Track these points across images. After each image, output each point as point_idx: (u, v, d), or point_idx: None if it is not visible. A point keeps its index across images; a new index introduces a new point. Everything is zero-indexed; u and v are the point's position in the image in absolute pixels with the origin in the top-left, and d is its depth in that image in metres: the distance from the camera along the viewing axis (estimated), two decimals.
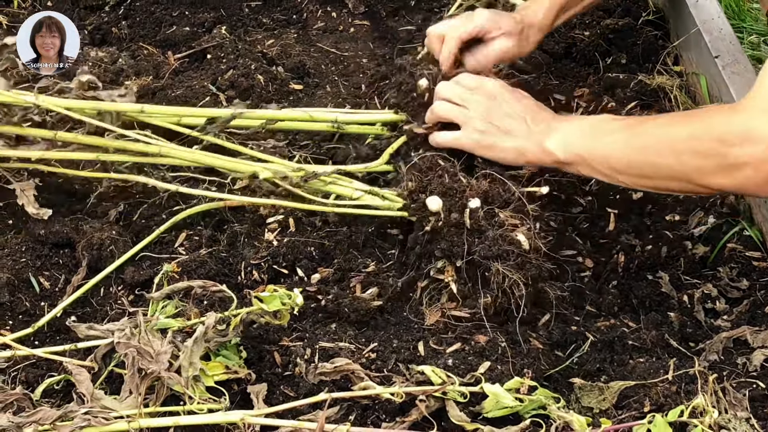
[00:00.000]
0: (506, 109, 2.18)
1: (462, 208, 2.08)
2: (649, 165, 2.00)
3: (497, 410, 1.85)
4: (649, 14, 2.91)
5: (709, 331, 2.10)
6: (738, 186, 1.92)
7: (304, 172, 2.25)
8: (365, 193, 2.23)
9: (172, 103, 2.66)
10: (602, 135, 2.08)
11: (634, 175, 2.04)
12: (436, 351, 1.99)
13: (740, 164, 1.86)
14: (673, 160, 1.95)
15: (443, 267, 2.09)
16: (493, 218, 2.07)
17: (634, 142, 2.02)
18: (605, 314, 2.16)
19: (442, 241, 2.08)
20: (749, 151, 1.84)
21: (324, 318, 2.11)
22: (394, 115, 2.38)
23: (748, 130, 1.85)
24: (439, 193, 2.12)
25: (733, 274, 2.21)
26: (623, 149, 2.03)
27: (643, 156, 2.00)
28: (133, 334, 1.89)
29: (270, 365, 2.01)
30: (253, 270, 2.23)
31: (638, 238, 2.32)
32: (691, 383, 1.90)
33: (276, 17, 3.13)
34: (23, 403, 1.87)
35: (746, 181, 1.88)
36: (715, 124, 1.92)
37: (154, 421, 1.82)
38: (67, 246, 2.34)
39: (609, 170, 2.06)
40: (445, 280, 2.08)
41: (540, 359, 1.98)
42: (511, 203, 2.11)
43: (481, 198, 2.10)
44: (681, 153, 1.94)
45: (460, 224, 2.07)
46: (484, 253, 2.03)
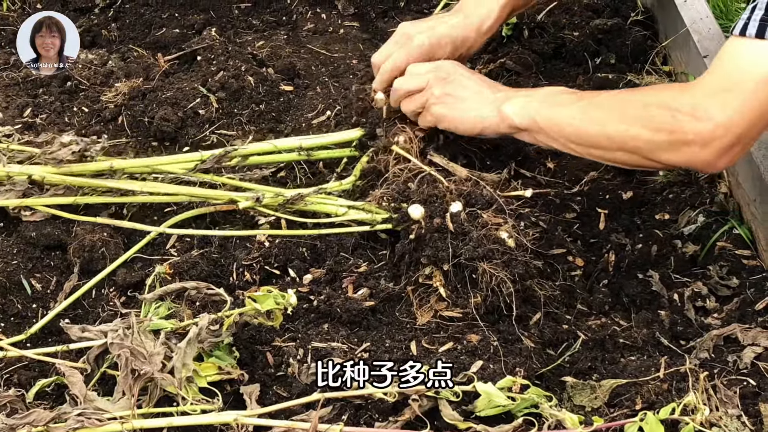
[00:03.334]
0: (463, 82, 2.26)
1: (443, 213, 2.10)
2: (602, 136, 2.07)
3: (490, 409, 1.86)
4: (637, 14, 2.92)
5: (699, 329, 2.11)
6: (685, 161, 2.01)
7: (282, 198, 2.28)
8: (348, 209, 2.26)
9: (162, 105, 2.66)
10: (558, 104, 2.14)
11: (586, 144, 2.11)
12: (429, 350, 2.00)
13: (688, 141, 1.94)
14: (623, 133, 2.03)
15: (431, 273, 2.10)
16: (476, 219, 2.09)
17: (588, 113, 2.09)
18: (596, 313, 2.17)
19: (427, 247, 2.10)
20: (696, 128, 1.93)
21: (316, 318, 2.11)
22: (358, 132, 2.42)
23: (695, 109, 1.93)
24: (420, 201, 2.14)
25: (723, 273, 2.21)
26: (578, 119, 2.09)
27: (596, 127, 2.07)
28: (126, 335, 1.89)
29: (263, 366, 2.01)
30: (245, 271, 2.23)
31: (628, 237, 2.33)
32: (682, 381, 1.91)
33: (266, 19, 3.14)
34: (16, 405, 1.87)
35: (692, 158, 1.97)
36: (667, 99, 2.00)
37: (148, 422, 1.83)
38: (58, 248, 2.34)
39: (563, 138, 2.12)
40: (434, 285, 2.09)
41: (532, 358, 1.99)
42: (493, 204, 2.13)
43: (463, 201, 2.12)
44: (632, 125, 2.01)
45: (443, 229, 2.09)
46: (469, 255, 2.05)
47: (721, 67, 1.96)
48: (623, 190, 2.41)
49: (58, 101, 2.78)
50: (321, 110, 2.70)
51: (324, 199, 2.30)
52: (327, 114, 2.67)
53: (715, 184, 2.40)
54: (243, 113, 2.69)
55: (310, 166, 2.53)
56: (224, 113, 2.69)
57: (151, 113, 2.67)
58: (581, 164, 2.48)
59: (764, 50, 1.88)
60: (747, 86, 1.90)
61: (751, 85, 1.90)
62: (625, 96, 2.15)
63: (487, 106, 2.21)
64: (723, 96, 1.92)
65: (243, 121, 2.67)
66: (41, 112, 2.75)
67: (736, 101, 1.91)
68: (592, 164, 2.47)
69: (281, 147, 2.44)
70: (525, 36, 2.93)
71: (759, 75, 1.89)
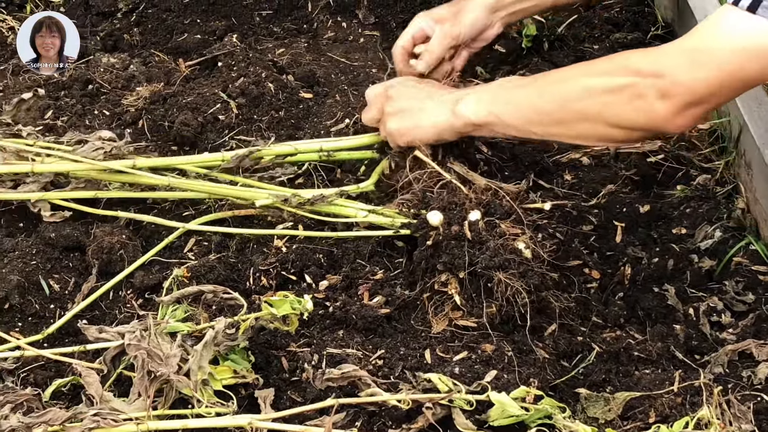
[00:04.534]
0: (411, 93, 2.28)
1: (462, 221, 2.11)
2: (562, 109, 2.05)
3: (503, 419, 1.86)
4: (658, 29, 2.92)
5: (714, 343, 2.11)
6: (647, 121, 1.98)
7: (301, 198, 2.29)
8: (368, 213, 2.27)
9: (182, 110, 2.68)
10: (513, 90, 2.14)
11: (547, 123, 2.09)
12: (443, 359, 2.00)
13: (645, 94, 1.93)
14: (585, 100, 2.01)
15: (447, 280, 2.11)
16: (494, 229, 2.10)
17: (547, 90, 2.08)
18: (611, 325, 2.17)
19: (444, 254, 2.10)
20: (656, 83, 1.91)
21: (331, 325, 2.12)
22: (376, 137, 2.42)
23: (660, 63, 1.92)
24: (439, 207, 2.14)
25: (739, 288, 2.21)
26: (536, 96, 2.09)
27: (556, 100, 2.06)
28: (143, 336, 1.90)
29: (277, 370, 2.02)
30: (262, 276, 2.24)
31: (645, 251, 2.33)
32: (696, 395, 1.91)
33: (287, 26, 3.15)
34: (33, 404, 1.88)
35: (653, 115, 1.95)
36: (630, 61, 1.99)
37: (163, 424, 1.84)
38: (77, 249, 2.36)
39: (521, 121, 2.11)
40: (449, 293, 2.10)
41: (546, 369, 1.99)
42: (512, 214, 2.14)
43: (482, 210, 2.13)
44: (593, 90, 2.00)
45: (460, 236, 2.09)
46: (485, 264, 2.05)
47: (701, 30, 1.94)
48: (640, 204, 2.41)
49: (80, 104, 2.80)
50: (340, 118, 2.71)
51: (344, 203, 2.31)
52: (346, 122, 2.68)
53: (733, 199, 2.40)
54: (262, 119, 2.70)
55: (328, 173, 2.54)
56: (244, 119, 2.70)
57: (172, 118, 2.69)
58: (599, 177, 2.49)
59: (750, 23, 1.85)
60: (720, 54, 1.88)
61: (725, 53, 1.87)
62: (582, 67, 2.13)
63: (440, 109, 2.22)
64: (692, 55, 1.91)
65: (262, 128, 2.68)
66: (62, 115, 2.77)
67: (703, 64, 1.89)
68: (609, 177, 2.48)
69: (302, 149, 2.46)
70: (545, 48, 2.94)
71: (736, 45, 1.87)
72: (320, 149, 2.45)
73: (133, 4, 3.23)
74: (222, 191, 2.38)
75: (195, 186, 2.39)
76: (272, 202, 2.30)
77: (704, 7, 2.73)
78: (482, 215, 2.12)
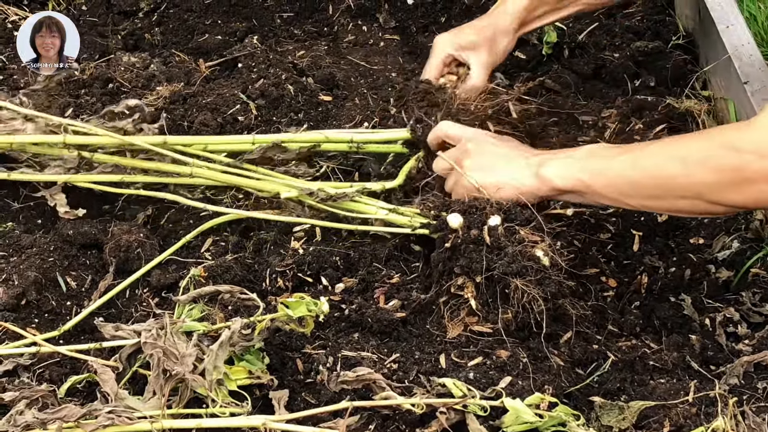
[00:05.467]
0: (493, 150, 2.21)
1: (481, 225, 2.10)
2: (659, 185, 1.99)
3: (517, 425, 1.86)
4: (679, 38, 2.91)
5: (730, 354, 2.10)
6: (752, 202, 1.92)
7: (325, 193, 2.29)
8: (388, 212, 2.27)
9: (202, 110, 2.69)
10: (605, 158, 2.06)
11: (642, 196, 2.03)
12: (458, 364, 2.00)
13: (755, 179, 1.85)
14: (683, 178, 1.94)
15: (463, 283, 2.11)
16: (514, 235, 2.09)
17: (642, 163, 2.01)
18: (627, 334, 2.16)
19: (462, 257, 2.10)
20: (762, 165, 1.84)
21: (347, 327, 2.12)
22: (407, 134, 2.43)
23: (759, 146, 1.84)
24: (460, 210, 2.14)
25: (756, 299, 2.20)
26: (630, 170, 2.02)
27: (651, 175, 1.99)
28: (159, 335, 1.91)
29: (292, 372, 2.02)
30: (278, 277, 2.25)
31: (662, 260, 2.32)
32: (711, 406, 1.90)
33: (307, 29, 3.16)
34: (48, 400, 1.89)
35: (760, 196, 1.88)
36: (728, 138, 1.91)
37: (177, 423, 1.84)
38: (94, 247, 2.37)
39: (615, 194, 2.05)
40: (465, 296, 2.10)
41: (561, 376, 1.99)
42: (532, 221, 2.12)
43: (502, 216, 2.11)
44: (692, 169, 1.93)
45: (479, 241, 2.09)
46: (503, 269, 2.05)
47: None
48: (658, 213, 2.40)
49: (100, 102, 2.80)
50: (359, 121, 2.71)
51: (366, 200, 2.31)
52: (365, 125, 2.69)
53: (751, 210, 2.39)
54: (281, 121, 2.71)
55: (345, 176, 2.54)
56: (263, 120, 2.71)
57: (191, 118, 2.69)
58: None
59: None
60: None
61: None
62: (678, 142, 2.07)
63: (523, 171, 2.14)
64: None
65: (281, 129, 2.68)
66: (82, 113, 2.77)
67: None
68: None
69: (333, 138, 2.47)
70: (565, 55, 2.94)
71: None
72: (351, 140, 2.46)
73: (155, 4, 3.23)
74: (246, 182, 2.38)
75: (218, 176, 2.39)
76: (297, 194, 2.30)
77: (726, 18, 2.73)
78: (502, 221, 2.11)
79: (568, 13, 2.66)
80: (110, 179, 2.42)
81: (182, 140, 2.44)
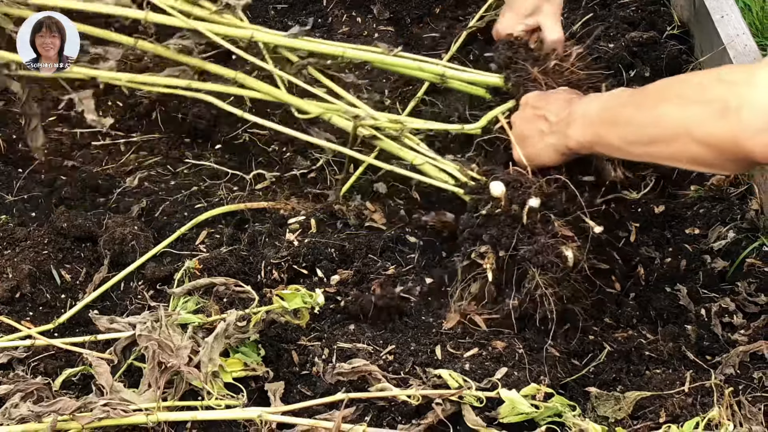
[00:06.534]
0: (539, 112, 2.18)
1: (522, 203, 2.06)
2: (657, 123, 1.92)
3: (513, 416, 1.86)
4: (674, 28, 2.91)
5: (725, 344, 2.10)
6: (731, 135, 1.80)
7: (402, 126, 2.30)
8: (425, 162, 2.27)
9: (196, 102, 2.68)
10: (616, 107, 2.04)
11: (645, 142, 1.95)
12: (454, 355, 2.00)
13: (738, 106, 1.77)
14: (677, 113, 1.88)
15: (485, 252, 2.09)
16: (548, 224, 2.05)
17: (645, 103, 1.97)
18: (623, 325, 2.16)
19: (494, 227, 2.07)
20: (749, 93, 1.77)
21: (342, 319, 2.12)
22: (498, 79, 2.37)
23: (753, 75, 1.78)
24: (504, 180, 2.10)
25: (751, 289, 2.21)
26: (634, 112, 1.98)
27: (652, 115, 1.94)
28: (154, 328, 1.90)
29: (288, 364, 2.02)
30: (273, 269, 2.24)
31: (658, 251, 2.32)
32: (707, 396, 1.91)
33: (301, 20, 3.14)
34: (43, 393, 1.88)
35: (738, 127, 1.78)
36: (723, 71, 1.89)
37: (172, 415, 1.84)
38: (89, 240, 2.36)
39: (621, 142, 2.01)
40: (484, 266, 2.08)
41: (557, 367, 1.99)
42: (569, 214, 2.09)
43: (543, 199, 2.07)
44: (686, 103, 1.87)
45: (516, 217, 2.06)
46: (529, 256, 2.02)
47: None
48: (655, 204, 2.40)
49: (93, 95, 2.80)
50: None
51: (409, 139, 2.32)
52: None
53: (747, 200, 2.39)
54: (275, 113, 2.70)
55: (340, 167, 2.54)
56: (257, 112, 2.70)
57: (185, 110, 2.68)
58: None
59: None
60: None
61: None
62: (682, 77, 2.04)
63: (555, 134, 2.13)
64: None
65: (276, 121, 2.67)
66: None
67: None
68: None
69: (426, 69, 2.45)
70: None
71: None
72: (443, 74, 2.43)
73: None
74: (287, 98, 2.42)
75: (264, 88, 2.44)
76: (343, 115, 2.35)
77: (721, 7, 2.73)
78: (541, 205, 2.06)
79: None
80: (177, 83, 2.46)
81: (272, 39, 2.51)
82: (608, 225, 2.17)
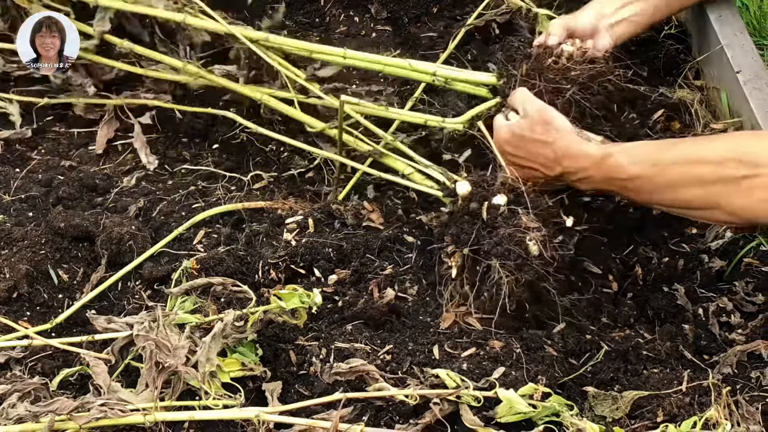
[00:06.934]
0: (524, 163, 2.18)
1: (483, 201, 2.07)
2: (676, 198, 1.99)
3: (511, 416, 1.86)
4: (671, 28, 2.90)
5: (723, 344, 2.11)
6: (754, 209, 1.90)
7: None
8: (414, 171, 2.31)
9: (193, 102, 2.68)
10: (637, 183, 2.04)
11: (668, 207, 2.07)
12: (451, 355, 2.00)
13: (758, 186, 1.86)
14: (697, 189, 1.94)
15: (452, 252, 2.10)
16: (513, 219, 2.05)
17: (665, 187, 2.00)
18: (621, 325, 2.16)
19: (454, 226, 2.09)
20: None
21: (340, 319, 2.12)
22: (492, 78, 2.40)
23: None
24: (472, 181, 2.13)
25: (749, 289, 2.21)
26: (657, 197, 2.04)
27: (669, 187, 1.99)
28: (151, 327, 1.90)
29: (285, 364, 2.02)
30: (271, 269, 2.24)
31: (655, 251, 2.32)
32: (705, 395, 1.90)
33: (299, 20, 3.15)
34: (40, 393, 1.88)
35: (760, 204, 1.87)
36: (745, 146, 1.92)
37: (170, 415, 1.84)
38: (86, 239, 2.36)
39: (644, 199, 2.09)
40: (450, 264, 2.09)
41: (554, 366, 1.99)
42: (538, 209, 2.09)
43: (510, 197, 2.08)
44: (706, 181, 1.93)
45: (475, 214, 2.07)
46: (488, 248, 2.03)
47: None
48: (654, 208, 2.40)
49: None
50: None
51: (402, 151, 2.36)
52: None
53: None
54: (273, 114, 2.70)
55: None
56: (254, 113, 2.70)
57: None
58: None
59: None
60: None
61: None
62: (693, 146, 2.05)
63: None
64: None
65: (273, 121, 2.68)
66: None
67: None
68: None
69: (418, 68, 2.49)
70: None
71: None
72: (434, 73, 2.46)
73: None
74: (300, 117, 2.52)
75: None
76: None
77: (718, 7, 2.72)
78: (508, 202, 2.07)
79: None
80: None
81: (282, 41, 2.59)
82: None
